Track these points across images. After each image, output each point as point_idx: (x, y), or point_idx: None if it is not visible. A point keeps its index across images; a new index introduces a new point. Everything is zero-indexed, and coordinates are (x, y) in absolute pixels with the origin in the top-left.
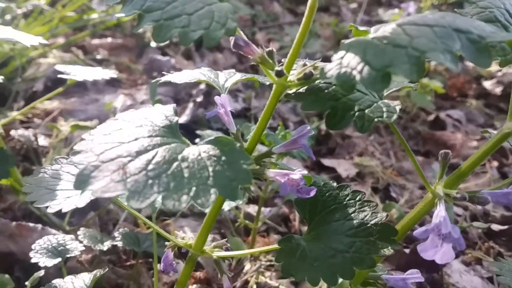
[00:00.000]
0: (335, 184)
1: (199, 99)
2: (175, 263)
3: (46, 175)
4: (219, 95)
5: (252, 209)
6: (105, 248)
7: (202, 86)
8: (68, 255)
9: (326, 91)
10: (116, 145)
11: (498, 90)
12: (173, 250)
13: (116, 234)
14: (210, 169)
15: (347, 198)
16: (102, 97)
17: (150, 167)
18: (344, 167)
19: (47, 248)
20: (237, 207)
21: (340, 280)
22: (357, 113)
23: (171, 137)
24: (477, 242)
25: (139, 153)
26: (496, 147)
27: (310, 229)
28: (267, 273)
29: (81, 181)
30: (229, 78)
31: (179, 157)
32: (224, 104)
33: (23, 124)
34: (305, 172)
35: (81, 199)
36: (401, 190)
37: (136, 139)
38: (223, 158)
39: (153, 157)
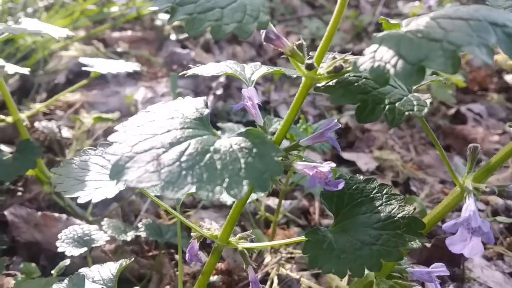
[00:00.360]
0: (361, 177)
1: (218, 92)
2: (200, 253)
3: (75, 166)
4: (239, 88)
5: (272, 201)
6: (128, 239)
7: (222, 79)
8: (93, 245)
9: (356, 84)
10: (149, 137)
11: None
12: (198, 241)
13: (139, 225)
14: (242, 161)
15: (374, 191)
16: (122, 89)
17: (184, 158)
18: (364, 161)
19: (73, 238)
20: (257, 200)
21: (366, 271)
22: (387, 107)
23: (202, 129)
24: (498, 237)
25: (172, 145)
26: None
27: (337, 222)
28: (288, 265)
29: (117, 172)
30: (255, 71)
31: (212, 148)
32: (252, 97)
33: (46, 116)
34: (334, 165)
35: (110, 190)
36: (421, 184)
37: (168, 131)
38: (255, 150)
39: (186, 149)
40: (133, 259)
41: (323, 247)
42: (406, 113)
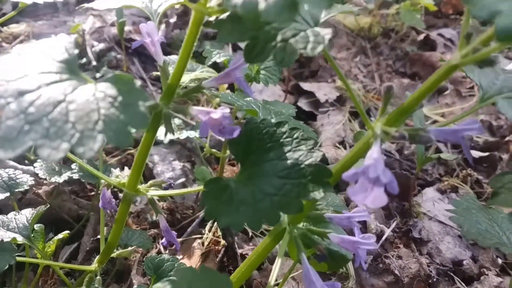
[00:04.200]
0: (273, 120)
1: (172, 20)
2: (114, 200)
3: None
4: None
5: None
6: (61, 180)
7: (178, 6)
8: (17, 190)
9: None
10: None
11: None
12: (108, 188)
13: (73, 165)
14: (102, 111)
15: (284, 136)
16: (71, 19)
17: (31, 109)
18: (324, 91)
19: None
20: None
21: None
22: (278, 45)
23: (67, 73)
24: (455, 168)
25: (22, 93)
26: (443, 79)
27: (242, 170)
28: None
29: None
30: (163, 2)
31: (68, 98)
32: (151, 33)
33: None
34: (227, 110)
35: None
36: None
37: (24, 77)
38: (120, 99)
39: (37, 98)
40: (48, 206)
41: (222, 199)
42: (298, 52)
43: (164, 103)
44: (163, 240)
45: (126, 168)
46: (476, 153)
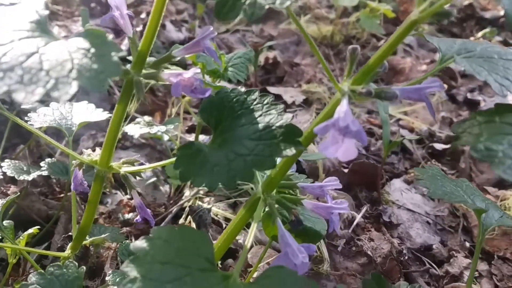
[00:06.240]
0: (243, 89)
1: (139, 29)
2: (86, 182)
3: None
4: (163, 25)
5: (193, 137)
6: (30, 178)
7: (143, 16)
8: None
9: None
10: None
11: None
12: (80, 168)
13: (42, 163)
14: (76, 61)
15: (255, 103)
16: None
17: (4, 59)
18: (291, 94)
19: None
20: (177, 137)
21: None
22: (248, 1)
23: (38, 31)
24: (420, 162)
25: None
26: (404, 36)
27: (215, 136)
28: (206, 199)
29: None
30: None
31: (40, 50)
32: (119, 6)
33: None
34: (198, 70)
35: None
36: None
37: None
38: (92, 50)
39: (10, 50)
40: (18, 193)
41: (195, 161)
42: (267, 6)
43: (135, 71)
44: (138, 217)
45: (97, 149)
46: (439, 146)
